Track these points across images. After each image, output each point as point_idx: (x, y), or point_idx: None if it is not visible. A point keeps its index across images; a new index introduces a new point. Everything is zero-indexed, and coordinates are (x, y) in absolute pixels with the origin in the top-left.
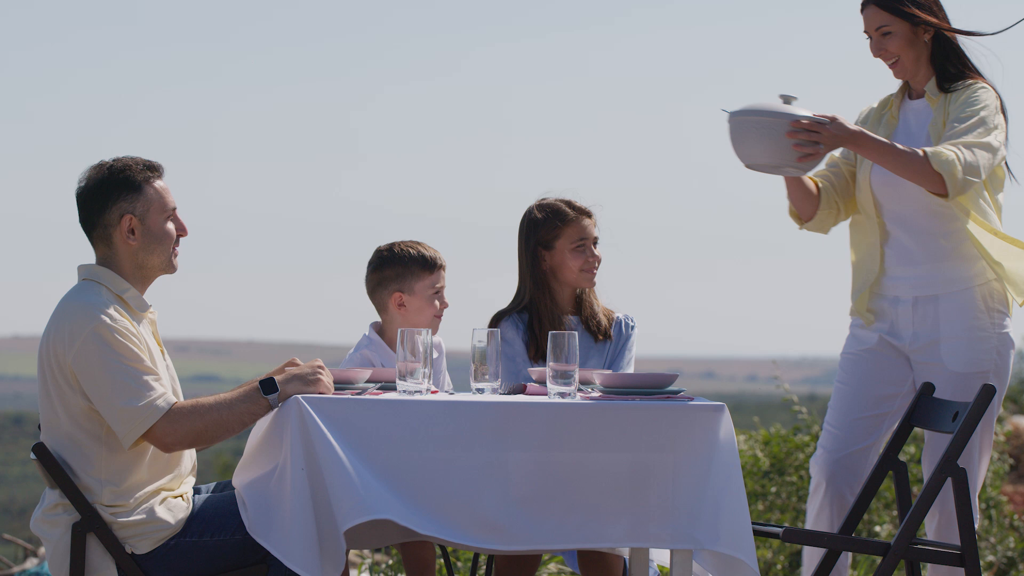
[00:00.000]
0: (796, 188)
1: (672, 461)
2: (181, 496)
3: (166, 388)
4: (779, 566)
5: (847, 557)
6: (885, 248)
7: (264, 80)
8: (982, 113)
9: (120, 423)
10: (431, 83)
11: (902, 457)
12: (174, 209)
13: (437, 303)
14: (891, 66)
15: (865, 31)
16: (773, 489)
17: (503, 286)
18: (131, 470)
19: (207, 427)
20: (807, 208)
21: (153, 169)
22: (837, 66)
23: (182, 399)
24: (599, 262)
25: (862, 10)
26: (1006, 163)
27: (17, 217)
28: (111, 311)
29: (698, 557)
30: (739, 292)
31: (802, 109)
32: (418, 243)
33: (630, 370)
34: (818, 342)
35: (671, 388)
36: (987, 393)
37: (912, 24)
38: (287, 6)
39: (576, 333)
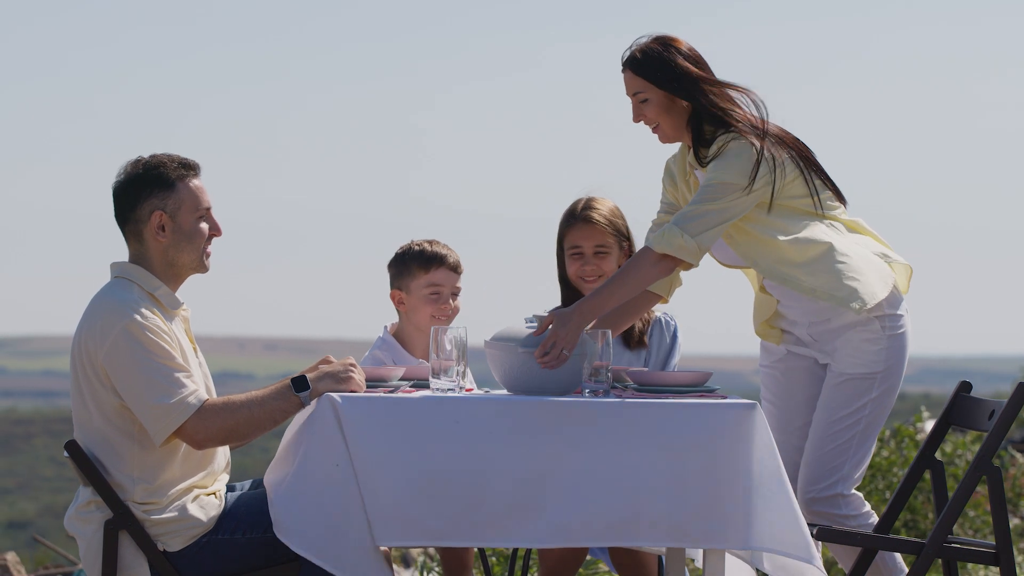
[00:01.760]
0: (640, 308)
1: (704, 460)
2: (214, 494)
3: (198, 385)
4: None
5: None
6: (766, 284)
7: (333, 78)
8: (708, 176)
9: (152, 420)
10: (504, 80)
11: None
12: (208, 209)
13: (436, 303)
14: (653, 131)
15: (626, 94)
16: None
17: None
18: (163, 467)
19: (238, 424)
20: (661, 293)
21: (188, 167)
22: (943, 62)
23: (215, 396)
24: (600, 275)
25: (622, 72)
26: (821, 181)
27: (90, 215)
28: (142, 309)
29: (756, 560)
30: None
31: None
32: (432, 241)
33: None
34: (912, 341)
35: (705, 386)
36: (1021, 392)
37: (667, 92)
38: (353, 5)
39: (609, 331)
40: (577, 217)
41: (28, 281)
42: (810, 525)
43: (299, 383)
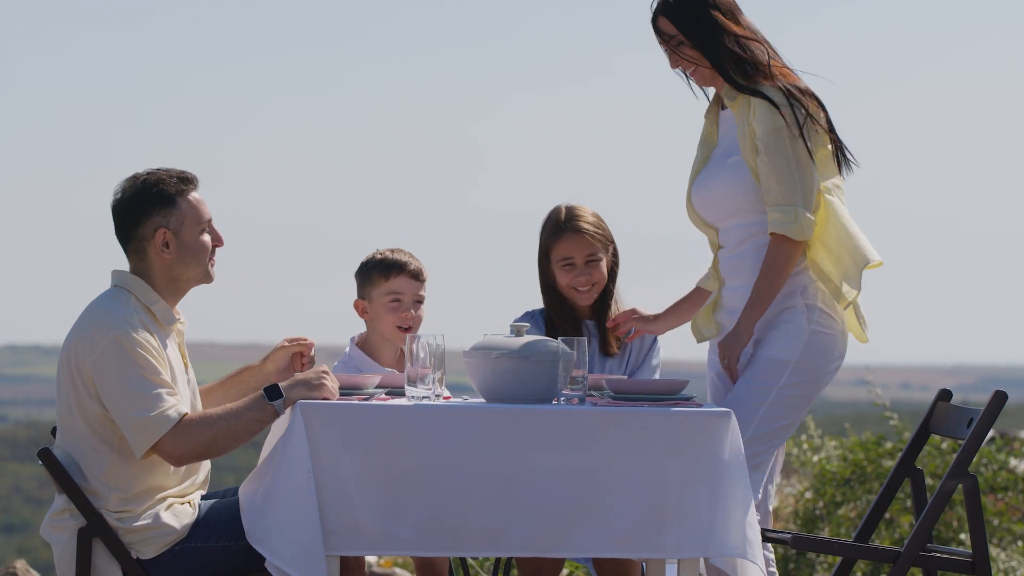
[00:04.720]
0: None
1: (680, 468)
2: (188, 502)
3: (179, 402)
4: (859, 573)
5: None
6: (720, 257)
7: (388, 86)
8: (775, 160)
9: (132, 433)
10: (563, 90)
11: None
12: (209, 221)
13: (397, 312)
14: (691, 74)
15: (659, 43)
16: (862, 496)
17: (650, 293)
18: (142, 479)
19: (216, 438)
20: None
21: (188, 181)
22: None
23: (198, 411)
24: (593, 284)
25: (653, 22)
26: (839, 148)
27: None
28: (134, 321)
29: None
30: (892, 299)
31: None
32: (395, 250)
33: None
34: (972, 349)
35: (681, 394)
36: (999, 399)
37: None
38: (409, 9)
39: (585, 340)
40: (565, 228)
41: (66, 290)
42: (786, 532)
43: (272, 392)
